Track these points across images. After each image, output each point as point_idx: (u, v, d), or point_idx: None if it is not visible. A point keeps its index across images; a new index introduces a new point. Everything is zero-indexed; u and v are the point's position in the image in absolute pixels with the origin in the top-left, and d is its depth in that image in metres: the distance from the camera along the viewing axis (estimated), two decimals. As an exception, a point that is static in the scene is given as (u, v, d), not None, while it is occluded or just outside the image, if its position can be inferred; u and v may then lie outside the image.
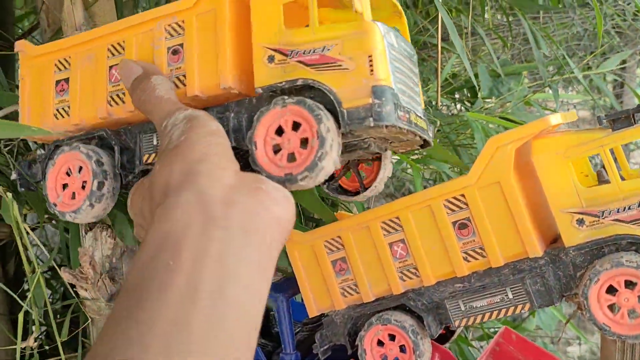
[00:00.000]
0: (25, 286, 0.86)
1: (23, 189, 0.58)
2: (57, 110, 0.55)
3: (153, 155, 0.50)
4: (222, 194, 0.36)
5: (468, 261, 0.52)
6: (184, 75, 0.48)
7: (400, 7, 0.52)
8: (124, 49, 0.52)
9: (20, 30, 1.04)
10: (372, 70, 0.42)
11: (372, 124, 0.42)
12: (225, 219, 0.35)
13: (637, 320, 0.47)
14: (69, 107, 0.54)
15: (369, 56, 0.42)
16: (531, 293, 0.51)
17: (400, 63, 0.46)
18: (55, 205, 0.53)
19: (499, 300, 0.52)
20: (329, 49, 0.44)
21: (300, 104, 0.43)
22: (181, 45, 0.49)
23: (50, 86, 0.55)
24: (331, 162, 0.43)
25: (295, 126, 0.44)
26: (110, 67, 0.52)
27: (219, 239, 0.34)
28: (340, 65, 0.43)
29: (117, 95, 0.51)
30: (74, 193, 0.52)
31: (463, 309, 0.53)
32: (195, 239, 0.34)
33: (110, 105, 0.52)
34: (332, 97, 0.43)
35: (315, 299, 0.58)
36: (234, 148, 0.44)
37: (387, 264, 0.54)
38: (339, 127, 0.43)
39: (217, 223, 0.35)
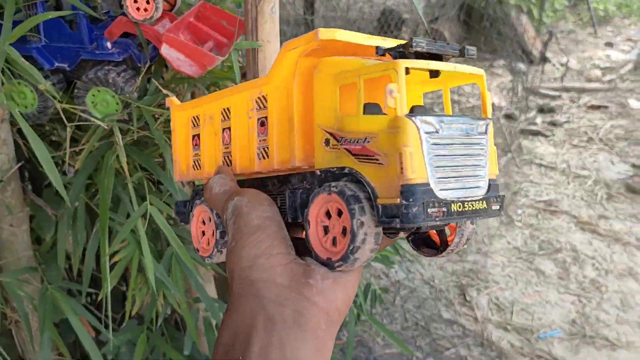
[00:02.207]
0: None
1: (182, 223, 0.69)
2: (194, 162, 0.62)
3: None
4: (276, 295, 0.43)
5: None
6: (268, 148, 0.51)
7: (479, 72, 0.48)
8: (230, 115, 0.56)
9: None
10: (402, 169, 0.40)
11: (398, 225, 0.40)
12: (281, 316, 0.42)
13: None
14: (200, 160, 0.61)
15: (399, 154, 0.40)
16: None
17: (449, 149, 0.43)
18: (198, 250, 0.59)
19: None
20: (368, 141, 0.42)
21: (340, 195, 0.43)
22: (266, 118, 0.51)
23: (189, 140, 0.62)
24: (365, 253, 0.43)
25: (340, 212, 0.44)
26: (223, 129, 0.57)
27: (278, 335, 0.42)
28: (377, 160, 0.42)
29: (230, 156, 0.56)
30: (208, 240, 0.58)
31: None
32: (260, 337, 0.42)
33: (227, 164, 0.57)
34: (369, 190, 0.42)
35: None
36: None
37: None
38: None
39: (275, 322, 0.42)
